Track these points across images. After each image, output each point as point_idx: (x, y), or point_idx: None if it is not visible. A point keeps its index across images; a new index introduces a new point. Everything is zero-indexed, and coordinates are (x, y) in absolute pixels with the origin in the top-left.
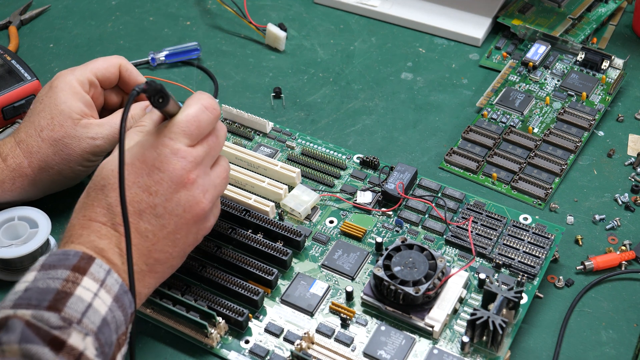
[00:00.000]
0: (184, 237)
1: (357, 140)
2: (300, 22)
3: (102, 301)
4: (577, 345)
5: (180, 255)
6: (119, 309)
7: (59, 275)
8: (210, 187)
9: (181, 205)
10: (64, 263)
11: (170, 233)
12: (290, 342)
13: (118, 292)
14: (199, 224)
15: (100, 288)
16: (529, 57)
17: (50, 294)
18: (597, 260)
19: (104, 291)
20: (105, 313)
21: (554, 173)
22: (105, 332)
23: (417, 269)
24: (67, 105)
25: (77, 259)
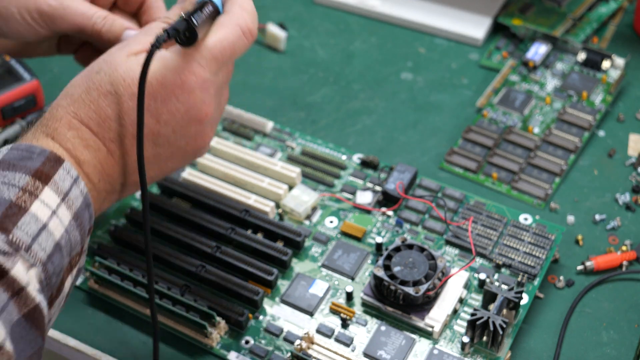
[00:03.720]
0: (174, 164)
1: (357, 140)
2: (300, 22)
3: (60, 221)
4: (577, 345)
5: (161, 177)
6: (77, 228)
7: (16, 182)
8: (218, 117)
9: (186, 138)
10: (26, 164)
11: (162, 160)
12: (290, 342)
13: (80, 207)
14: (195, 154)
15: (61, 203)
16: (529, 57)
17: (1, 206)
18: (597, 261)
19: (65, 207)
20: (60, 236)
21: (554, 173)
22: (55, 261)
23: (417, 269)
24: None
25: (42, 160)
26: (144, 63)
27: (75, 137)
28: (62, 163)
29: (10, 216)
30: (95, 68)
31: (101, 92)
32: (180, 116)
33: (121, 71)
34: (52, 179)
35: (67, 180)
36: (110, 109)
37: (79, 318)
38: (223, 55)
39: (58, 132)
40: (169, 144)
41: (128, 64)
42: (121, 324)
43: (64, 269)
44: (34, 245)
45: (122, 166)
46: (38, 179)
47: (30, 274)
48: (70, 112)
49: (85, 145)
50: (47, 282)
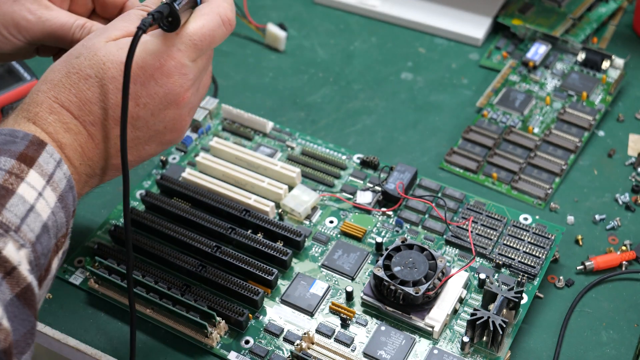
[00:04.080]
0: (152, 149)
1: (357, 140)
2: (300, 22)
3: (46, 202)
4: (577, 345)
5: (139, 162)
6: (62, 210)
7: (1, 165)
8: (197, 103)
9: (164, 122)
10: (10, 148)
11: (141, 144)
12: (290, 342)
13: (64, 190)
14: (173, 139)
15: (47, 185)
16: (529, 57)
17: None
18: (597, 261)
19: (50, 189)
20: (47, 217)
21: (554, 173)
22: (44, 241)
23: (417, 269)
24: None
25: (26, 144)
26: (130, 45)
27: (56, 121)
28: (45, 146)
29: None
30: (75, 53)
31: (81, 76)
32: (158, 99)
33: (101, 55)
34: (36, 162)
35: (50, 163)
36: (91, 92)
37: (79, 318)
38: (202, 43)
39: (39, 117)
40: (147, 127)
41: (107, 48)
42: (121, 324)
43: (51, 250)
44: (23, 226)
45: (103, 149)
46: (23, 162)
47: (20, 254)
48: (51, 96)
49: (66, 129)
50: (36, 262)
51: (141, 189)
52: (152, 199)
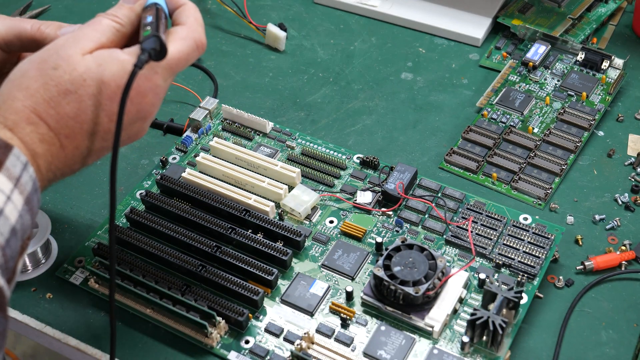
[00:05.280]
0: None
1: (357, 140)
2: (300, 22)
3: (14, 206)
4: (577, 345)
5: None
6: (28, 212)
7: None
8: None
9: (129, 133)
10: None
11: (104, 151)
12: (290, 342)
13: (30, 192)
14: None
15: (14, 188)
16: (529, 57)
17: None
18: (597, 260)
19: (17, 192)
20: (15, 221)
21: (554, 173)
22: (12, 245)
23: (417, 269)
24: None
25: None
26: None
27: (33, 131)
28: (12, 149)
29: None
30: (51, 63)
31: (60, 90)
32: (131, 116)
33: (81, 71)
34: (4, 165)
35: (17, 165)
36: (69, 107)
37: (79, 318)
38: (177, 66)
39: (17, 126)
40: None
41: (86, 63)
42: (121, 323)
43: (18, 253)
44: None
45: (70, 158)
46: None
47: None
48: (29, 106)
49: (41, 140)
50: (5, 266)
51: (141, 189)
52: (152, 199)
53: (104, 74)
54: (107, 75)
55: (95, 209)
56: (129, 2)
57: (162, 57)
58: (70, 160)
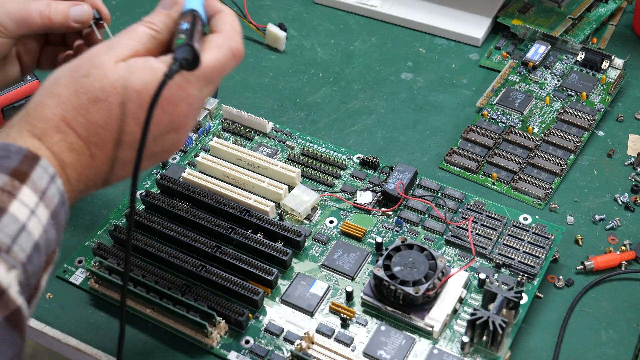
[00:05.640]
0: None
1: (357, 140)
2: (300, 22)
3: (38, 220)
4: (577, 345)
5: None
6: (54, 226)
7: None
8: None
9: (163, 146)
10: (3, 163)
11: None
12: (290, 342)
13: (57, 205)
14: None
15: (40, 202)
16: (529, 57)
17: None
18: (597, 260)
19: (43, 206)
20: (39, 236)
21: (554, 173)
22: (35, 261)
23: (417, 269)
24: None
25: (19, 159)
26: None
27: (62, 140)
28: (39, 160)
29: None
30: (83, 71)
31: (91, 98)
32: (163, 126)
33: (112, 78)
34: (29, 178)
35: (44, 178)
36: (99, 115)
37: (79, 318)
38: (212, 75)
39: (45, 134)
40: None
41: (118, 71)
42: None
43: (42, 268)
44: (14, 246)
45: (101, 169)
46: (16, 178)
47: (10, 275)
48: (58, 113)
49: (70, 149)
50: (26, 282)
51: (141, 189)
52: (152, 199)
53: (135, 81)
54: (138, 83)
55: (96, 209)
56: (165, 8)
57: (195, 67)
58: (101, 170)
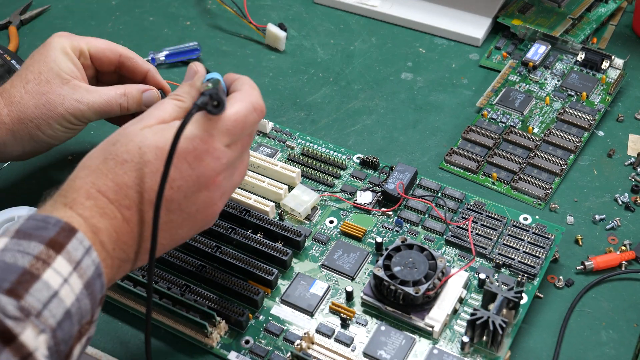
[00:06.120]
0: (184, 233)
1: (357, 140)
2: (300, 22)
3: (71, 289)
4: (577, 345)
5: (171, 247)
6: (88, 297)
7: (30, 250)
8: (229, 189)
9: (196, 205)
10: (41, 234)
11: (173, 228)
12: (290, 342)
13: (91, 277)
14: (204, 223)
15: (73, 271)
16: (529, 57)
17: (15, 273)
18: (597, 260)
19: (76, 276)
20: (71, 304)
21: (554, 173)
22: (65, 327)
23: (417, 269)
24: (57, 63)
25: (57, 231)
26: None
27: (93, 206)
28: (76, 233)
29: (23, 283)
30: (112, 141)
31: (118, 161)
32: (191, 182)
33: (137, 140)
34: (65, 248)
35: (79, 249)
36: (127, 176)
37: None
38: (235, 128)
39: (76, 202)
40: (180, 210)
41: (143, 134)
42: (121, 323)
43: (74, 337)
44: (45, 311)
45: (137, 233)
46: (52, 247)
47: (39, 339)
48: (89, 182)
49: (102, 214)
50: (56, 348)
51: None
52: None
53: (160, 140)
54: (162, 140)
55: None
56: (188, 79)
57: (219, 110)
58: (137, 235)
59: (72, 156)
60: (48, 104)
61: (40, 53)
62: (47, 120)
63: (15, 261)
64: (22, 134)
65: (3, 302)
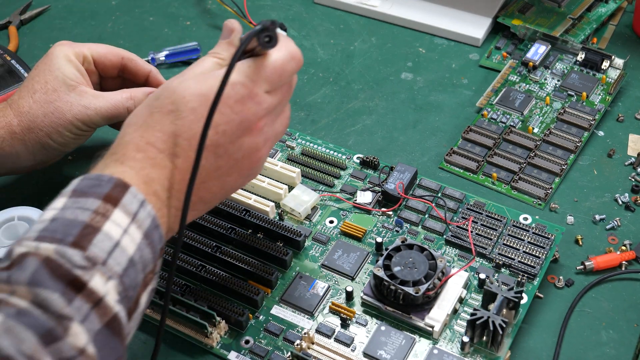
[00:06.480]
0: (233, 180)
1: (357, 140)
2: (300, 22)
3: (131, 238)
4: (577, 345)
5: (223, 197)
6: (148, 246)
7: (88, 206)
8: (272, 136)
9: (242, 150)
10: (96, 191)
11: (223, 175)
12: (290, 342)
13: (149, 228)
14: (251, 170)
15: (131, 223)
16: (529, 57)
17: (76, 227)
18: (597, 260)
19: (135, 226)
20: (133, 252)
21: (554, 173)
22: (131, 274)
23: (417, 269)
24: (62, 71)
25: (111, 187)
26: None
27: (143, 158)
28: (129, 188)
29: (86, 235)
30: (154, 97)
31: (164, 112)
32: (235, 126)
33: (180, 90)
34: (120, 202)
35: (134, 203)
36: (174, 125)
37: None
38: (274, 74)
39: (127, 156)
40: (227, 155)
41: (186, 84)
42: None
43: (139, 285)
44: (110, 260)
45: (185, 180)
46: (108, 202)
47: (108, 285)
48: (137, 136)
49: (153, 164)
50: (124, 294)
51: None
52: None
53: (203, 87)
54: (204, 87)
55: None
56: (225, 38)
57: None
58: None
59: (72, 156)
60: (56, 112)
61: (44, 63)
62: (56, 128)
63: (75, 217)
64: (33, 142)
65: (69, 253)
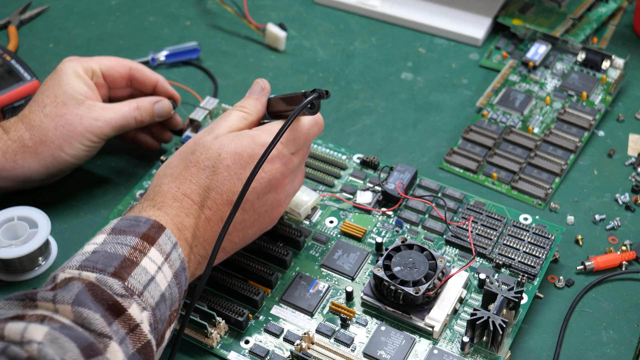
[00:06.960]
0: (253, 232)
1: (357, 140)
2: (300, 22)
3: (164, 276)
4: (577, 345)
5: (241, 247)
6: (176, 286)
7: (127, 242)
8: (291, 192)
9: (266, 206)
10: (134, 230)
11: (246, 227)
12: (290, 342)
13: (178, 269)
14: (270, 223)
15: (165, 262)
16: (529, 57)
17: (116, 260)
18: (597, 261)
19: (167, 266)
20: (165, 289)
21: (554, 173)
22: (162, 309)
23: (417, 269)
24: (71, 86)
25: (148, 227)
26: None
27: (179, 207)
28: (164, 230)
29: (125, 268)
30: (188, 150)
31: (200, 168)
32: (263, 184)
33: (215, 148)
34: (156, 242)
35: (168, 244)
36: (209, 180)
37: None
38: (299, 138)
39: (164, 204)
40: (252, 210)
41: (220, 142)
42: None
43: (166, 320)
44: (145, 292)
45: (216, 232)
46: (145, 240)
47: (143, 315)
48: (174, 187)
49: (187, 214)
50: (155, 325)
51: (141, 189)
52: None
53: (237, 146)
54: (239, 147)
55: (95, 209)
56: (254, 94)
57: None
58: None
59: None
60: (67, 125)
61: (53, 79)
62: (68, 140)
63: (115, 251)
64: (46, 155)
65: (110, 282)
